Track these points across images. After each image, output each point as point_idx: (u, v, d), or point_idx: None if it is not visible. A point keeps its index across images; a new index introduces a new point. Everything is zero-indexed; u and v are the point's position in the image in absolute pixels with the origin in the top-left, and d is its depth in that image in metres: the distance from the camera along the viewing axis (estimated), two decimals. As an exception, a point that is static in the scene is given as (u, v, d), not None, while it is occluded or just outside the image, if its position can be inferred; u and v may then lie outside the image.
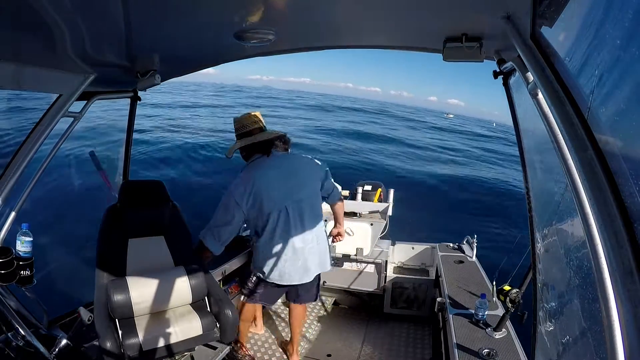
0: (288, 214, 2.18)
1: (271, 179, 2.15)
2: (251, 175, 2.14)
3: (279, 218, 2.18)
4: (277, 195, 2.15)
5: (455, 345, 1.91)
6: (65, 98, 1.69)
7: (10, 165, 1.61)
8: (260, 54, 1.86)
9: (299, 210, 2.21)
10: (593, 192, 0.58)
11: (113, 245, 2.07)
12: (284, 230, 2.20)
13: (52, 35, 1.23)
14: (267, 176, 2.14)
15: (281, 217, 2.18)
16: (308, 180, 2.27)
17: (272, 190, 2.14)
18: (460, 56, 1.34)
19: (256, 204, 2.14)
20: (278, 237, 2.20)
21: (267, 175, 2.14)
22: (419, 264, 3.56)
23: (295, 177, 2.22)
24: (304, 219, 2.23)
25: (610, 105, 0.61)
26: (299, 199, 2.21)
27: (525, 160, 1.38)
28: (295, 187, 2.20)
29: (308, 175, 2.28)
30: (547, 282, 1.25)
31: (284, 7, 1.27)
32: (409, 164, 14.59)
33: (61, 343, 1.57)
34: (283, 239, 2.21)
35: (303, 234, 2.23)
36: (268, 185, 2.13)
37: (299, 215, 2.22)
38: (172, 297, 1.98)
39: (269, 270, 2.26)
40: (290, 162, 2.27)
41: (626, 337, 0.48)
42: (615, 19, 0.60)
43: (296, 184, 2.20)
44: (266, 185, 2.13)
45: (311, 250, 2.29)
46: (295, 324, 2.60)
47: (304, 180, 2.26)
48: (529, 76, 0.97)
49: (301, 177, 2.25)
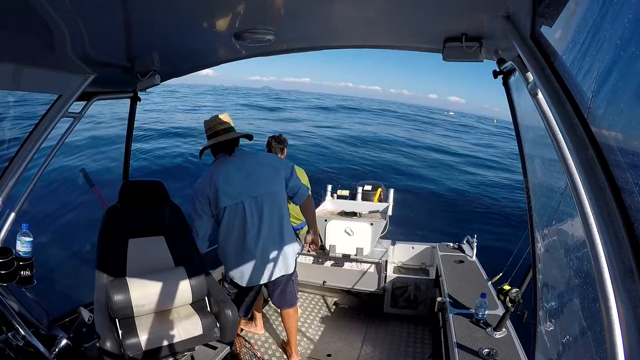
0: (244, 210, 2.19)
1: (229, 175, 2.19)
2: (212, 172, 2.23)
3: (235, 214, 2.20)
4: (232, 190, 2.19)
5: (456, 345, 1.91)
6: (65, 98, 1.69)
7: (10, 165, 1.61)
8: (260, 54, 1.86)
9: (257, 207, 2.21)
10: (593, 192, 0.58)
11: (113, 245, 2.07)
12: (240, 226, 2.21)
13: (52, 36, 1.23)
14: (225, 172, 2.20)
15: (237, 212, 2.20)
16: (269, 178, 2.27)
17: (228, 185, 2.18)
18: (460, 56, 1.34)
19: (214, 199, 2.19)
20: (234, 234, 2.22)
21: (226, 171, 2.20)
22: (419, 263, 3.57)
23: (255, 174, 2.23)
24: (262, 216, 2.22)
25: (610, 105, 0.61)
26: (257, 195, 2.21)
27: (525, 160, 1.38)
28: (254, 184, 2.21)
29: (269, 173, 2.28)
30: (547, 282, 1.25)
31: (284, 7, 1.27)
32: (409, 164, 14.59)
33: (61, 343, 1.57)
34: (238, 236, 2.22)
35: (260, 231, 2.22)
36: (225, 181, 2.18)
37: (258, 213, 2.21)
38: (172, 297, 1.98)
39: (230, 270, 2.28)
40: (251, 160, 2.28)
41: (626, 337, 0.48)
42: (615, 18, 0.60)
43: (254, 181, 2.22)
44: (224, 180, 2.18)
45: (269, 249, 2.26)
46: (287, 326, 2.58)
47: (264, 177, 2.25)
48: (529, 76, 0.97)
49: (261, 175, 2.25)
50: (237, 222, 2.20)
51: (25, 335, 1.38)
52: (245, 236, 2.20)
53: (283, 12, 1.30)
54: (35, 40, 1.25)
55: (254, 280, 2.27)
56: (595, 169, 0.59)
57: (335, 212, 3.74)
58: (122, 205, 2.17)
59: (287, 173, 2.31)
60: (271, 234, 2.24)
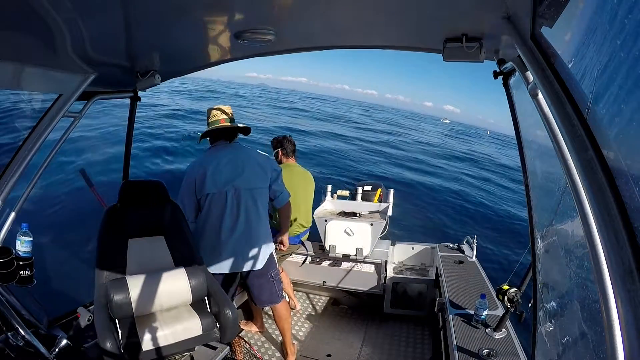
0: (226, 201, 2.28)
1: (220, 164, 2.28)
2: (205, 157, 2.34)
3: (216, 202, 2.28)
4: (219, 179, 2.27)
5: (455, 345, 1.91)
6: (65, 98, 1.68)
7: (10, 165, 1.61)
8: (260, 54, 1.86)
9: (237, 200, 2.30)
10: (593, 192, 0.58)
11: (113, 245, 2.07)
12: (218, 215, 2.29)
13: (52, 35, 1.23)
14: (217, 161, 2.29)
15: (219, 202, 2.28)
16: (256, 175, 2.36)
17: (217, 173, 2.27)
18: (460, 56, 1.34)
19: (200, 183, 2.27)
20: (210, 221, 2.31)
21: (218, 160, 2.29)
22: (419, 264, 3.56)
23: (243, 169, 2.32)
24: (240, 209, 2.31)
25: (610, 105, 0.61)
26: (241, 188, 2.30)
27: (525, 160, 1.38)
28: (239, 176, 2.31)
29: (257, 171, 2.37)
30: (547, 282, 1.25)
31: (284, 7, 1.27)
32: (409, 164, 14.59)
33: (61, 343, 1.57)
34: (215, 224, 2.30)
35: (236, 224, 2.31)
36: (215, 169, 2.27)
37: (237, 205, 2.30)
38: (172, 297, 1.98)
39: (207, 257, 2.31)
40: (243, 155, 2.37)
41: (626, 337, 0.48)
42: (615, 19, 0.60)
43: (240, 174, 2.31)
44: (214, 168, 2.27)
45: (242, 242, 2.34)
46: (280, 327, 2.62)
47: (252, 174, 2.34)
48: (529, 76, 0.97)
49: (249, 171, 2.34)
50: (216, 211, 2.30)
51: (25, 335, 1.38)
52: (221, 225, 2.30)
53: (283, 12, 1.30)
54: (36, 39, 1.25)
55: (223, 267, 2.34)
56: (595, 170, 0.59)
57: (335, 212, 3.74)
58: (122, 205, 2.17)
59: (273, 176, 2.43)
60: (247, 227, 2.34)
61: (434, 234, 6.80)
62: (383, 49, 1.69)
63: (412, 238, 3.85)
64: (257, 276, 2.43)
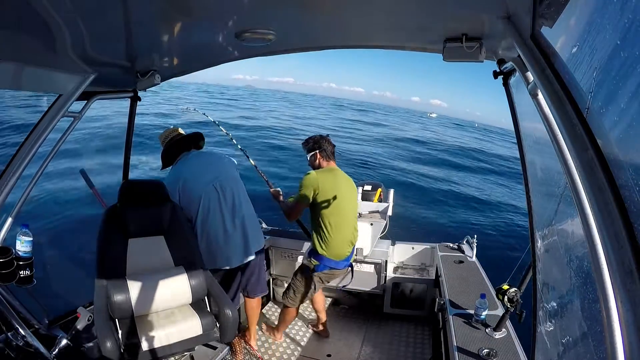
0: (217, 193, 2.37)
1: (193, 169, 2.40)
2: (178, 169, 2.44)
3: (209, 199, 2.35)
4: (202, 179, 2.37)
5: (455, 345, 1.91)
6: (65, 98, 1.68)
7: (10, 165, 1.61)
8: (260, 54, 1.86)
9: (223, 190, 2.39)
10: (593, 192, 0.58)
11: (113, 245, 2.07)
12: (216, 208, 2.36)
13: (52, 35, 1.23)
14: (189, 167, 2.42)
15: (211, 197, 2.35)
16: (228, 166, 2.52)
17: (198, 175, 2.38)
18: (461, 56, 1.34)
19: (186, 191, 2.34)
20: (213, 216, 2.36)
21: (190, 165, 2.42)
22: (419, 264, 3.56)
23: (216, 163, 2.48)
24: (234, 197, 2.42)
25: (610, 105, 0.61)
26: (223, 178, 2.41)
27: (525, 160, 1.38)
28: (217, 169, 2.44)
29: (227, 163, 2.54)
30: (547, 282, 1.25)
31: (284, 7, 1.27)
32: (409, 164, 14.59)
33: (61, 343, 1.58)
34: (218, 217, 2.37)
35: (234, 211, 2.42)
36: (193, 174, 2.38)
37: (229, 194, 2.41)
38: (172, 297, 1.98)
39: (214, 255, 2.37)
40: (208, 155, 2.55)
41: (626, 337, 0.48)
42: (615, 19, 0.60)
43: (217, 170, 2.44)
44: (191, 174, 2.38)
45: (246, 227, 2.44)
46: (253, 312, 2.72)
47: (224, 166, 2.49)
48: (529, 76, 0.97)
49: (220, 165, 2.49)
50: (212, 205, 2.36)
51: (25, 335, 1.38)
52: (223, 218, 2.37)
53: (283, 12, 1.30)
54: (36, 39, 1.25)
55: (240, 259, 2.43)
56: (595, 169, 0.59)
57: None
58: (122, 205, 2.16)
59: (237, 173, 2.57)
60: (246, 215, 2.46)
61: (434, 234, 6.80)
62: (383, 48, 1.69)
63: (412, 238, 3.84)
64: (257, 265, 2.56)
